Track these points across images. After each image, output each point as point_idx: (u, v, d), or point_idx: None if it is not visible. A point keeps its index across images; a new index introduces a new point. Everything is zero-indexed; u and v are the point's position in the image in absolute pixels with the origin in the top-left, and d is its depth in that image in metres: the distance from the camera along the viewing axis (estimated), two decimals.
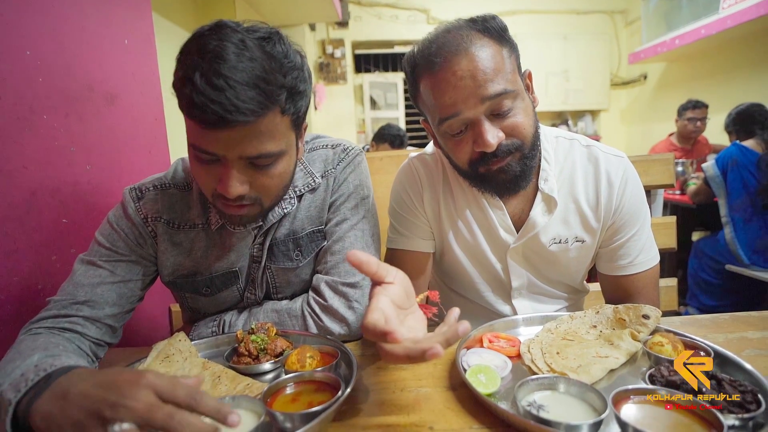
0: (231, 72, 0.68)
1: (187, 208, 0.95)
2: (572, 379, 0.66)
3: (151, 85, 1.54)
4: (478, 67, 0.83)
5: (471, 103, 0.83)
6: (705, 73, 5.03)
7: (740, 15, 3.82)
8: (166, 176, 0.98)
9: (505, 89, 0.83)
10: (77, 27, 1.20)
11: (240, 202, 0.81)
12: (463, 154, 0.90)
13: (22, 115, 1.02)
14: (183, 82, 0.70)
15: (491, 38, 0.86)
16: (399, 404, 0.69)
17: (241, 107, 0.69)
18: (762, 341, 0.82)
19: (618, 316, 0.85)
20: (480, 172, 0.91)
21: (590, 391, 0.63)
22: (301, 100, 0.81)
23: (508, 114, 0.86)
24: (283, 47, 0.77)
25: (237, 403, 0.64)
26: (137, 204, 0.93)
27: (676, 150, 3.96)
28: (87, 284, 0.87)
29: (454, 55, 0.84)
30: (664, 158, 1.44)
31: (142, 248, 0.94)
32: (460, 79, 0.83)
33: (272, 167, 0.80)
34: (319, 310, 0.93)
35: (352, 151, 1.02)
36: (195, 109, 0.69)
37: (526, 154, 0.89)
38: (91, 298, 0.86)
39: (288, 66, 0.76)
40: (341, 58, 5.91)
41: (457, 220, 1.05)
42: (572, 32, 6.28)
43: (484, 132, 0.84)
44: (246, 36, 0.73)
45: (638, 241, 1.00)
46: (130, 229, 0.93)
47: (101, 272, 0.89)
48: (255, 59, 0.71)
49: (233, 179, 0.76)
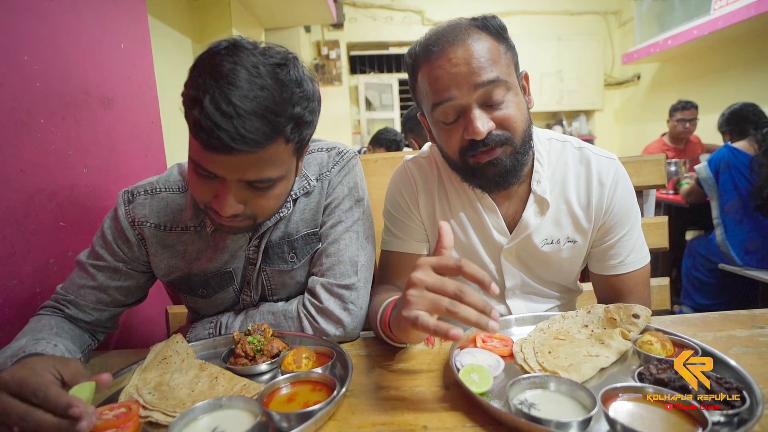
0: (241, 100, 0.69)
1: (180, 211, 0.96)
2: (563, 377, 0.68)
3: (147, 89, 1.55)
4: (473, 55, 0.85)
5: (464, 88, 0.85)
6: (697, 73, 5.07)
7: (731, 16, 3.86)
8: (159, 179, 0.99)
9: (497, 77, 0.85)
10: (74, 32, 1.21)
11: (233, 217, 0.82)
12: (453, 142, 0.91)
13: (20, 119, 1.03)
14: (193, 102, 0.71)
15: (489, 34, 0.89)
16: (393, 403, 0.70)
17: (246, 137, 0.70)
18: (749, 339, 0.83)
19: (609, 315, 0.87)
20: (470, 164, 0.92)
21: (580, 389, 0.64)
22: (307, 129, 0.82)
23: (500, 105, 0.87)
24: (297, 74, 0.77)
25: (234, 404, 0.65)
26: (127, 207, 0.95)
27: (668, 150, 3.99)
28: (75, 285, 0.95)
29: (451, 44, 0.87)
30: (655, 159, 1.46)
31: (131, 252, 0.96)
32: (454, 66, 0.85)
33: (270, 190, 0.81)
34: (314, 311, 0.94)
35: (347, 155, 1.03)
36: (201, 131, 0.70)
37: (517, 149, 0.91)
38: (75, 299, 0.94)
39: (298, 96, 0.77)
40: (336, 59, 5.92)
41: (451, 221, 1.06)
42: (566, 33, 6.32)
43: (474, 119, 0.86)
44: (260, 61, 0.73)
45: (629, 241, 1.02)
46: (118, 233, 0.95)
47: (86, 276, 0.95)
48: (266, 88, 0.72)
49: (229, 199, 0.77)
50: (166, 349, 0.85)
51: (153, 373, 0.79)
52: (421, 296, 0.65)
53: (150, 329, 1.48)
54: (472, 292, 0.64)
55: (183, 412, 0.63)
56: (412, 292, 0.66)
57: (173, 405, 0.70)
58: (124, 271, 0.96)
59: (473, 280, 0.65)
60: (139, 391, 0.73)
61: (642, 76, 6.13)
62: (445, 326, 0.62)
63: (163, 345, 0.86)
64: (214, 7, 3.12)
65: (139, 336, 1.42)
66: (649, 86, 6.00)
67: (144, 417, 0.68)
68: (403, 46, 6.20)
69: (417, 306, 0.65)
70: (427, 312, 0.64)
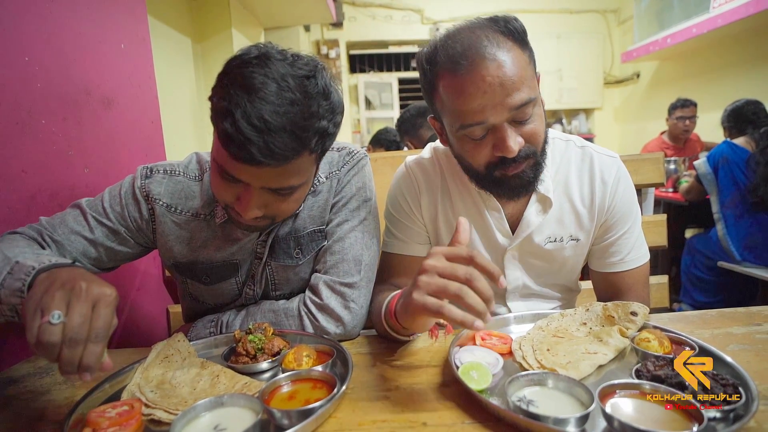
0: (271, 116, 0.71)
1: (192, 198, 0.98)
2: (560, 374, 0.68)
3: (147, 89, 1.55)
4: (506, 74, 0.81)
5: (498, 111, 0.83)
6: (696, 71, 5.08)
7: (730, 14, 3.87)
8: (180, 164, 1.01)
9: (529, 98, 0.83)
10: (74, 32, 1.22)
11: (254, 219, 0.84)
12: (481, 157, 0.89)
13: (21, 119, 1.03)
14: (224, 113, 0.73)
15: (515, 42, 0.86)
16: (393, 401, 0.70)
17: (275, 152, 0.73)
18: (746, 336, 0.84)
19: (607, 313, 0.88)
20: (496, 176, 0.91)
21: (578, 386, 0.65)
22: (330, 140, 0.84)
23: (528, 121, 0.86)
24: (324, 85, 0.79)
25: (235, 401, 0.66)
26: (143, 182, 0.97)
27: (667, 148, 4.00)
28: (68, 228, 0.93)
29: (482, 59, 0.82)
30: (654, 157, 1.46)
31: (138, 222, 0.97)
32: (488, 86, 0.81)
33: (291, 195, 0.84)
34: (315, 309, 0.94)
35: (357, 155, 1.04)
36: (231, 143, 0.73)
37: (538, 160, 0.91)
38: (62, 241, 0.92)
39: (325, 109, 0.79)
40: (336, 58, 5.92)
41: (454, 224, 1.05)
42: (565, 31, 6.32)
43: (507, 138, 0.84)
44: (289, 72, 0.75)
45: (629, 238, 1.02)
46: (132, 202, 0.96)
47: (83, 224, 0.94)
48: (296, 103, 0.74)
49: (252, 204, 0.81)
50: (167, 348, 0.86)
51: (155, 371, 0.80)
52: (431, 281, 0.67)
53: (151, 328, 1.49)
54: (482, 279, 0.65)
55: (185, 410, 0.63)
56: (423, 278, 0.68)
57: (175, 403, 0.70)
58: (123, 235, 0.97)
59: (484, 271, 0.66)
60: (141, 389, 0.74)
61: (641, 75, 6.13)
62: (456, 313, 0.63)
63: (165, 344, 0.87)
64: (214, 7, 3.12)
65: (140, 335, 1.43)
66: (649, 84, 6.01)
67: (146, 415, 0.68)
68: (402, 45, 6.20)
69: (427, 289, 0.67)
70: (436, 296, 0.66)
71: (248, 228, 0.90)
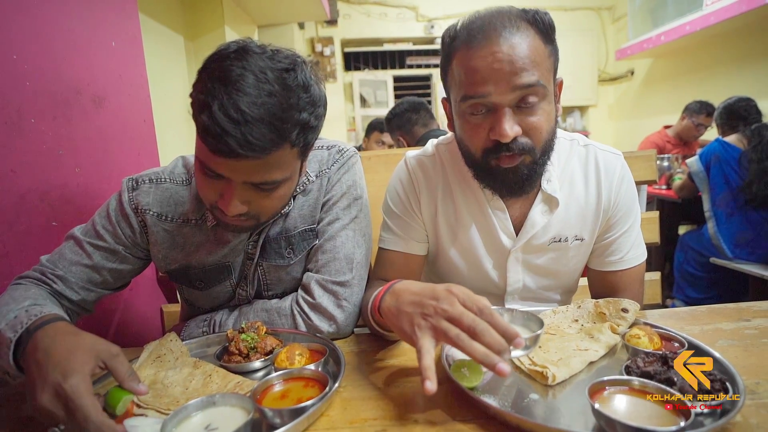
0: (248, 107, 0.71)
1: (182, 203, 0.98)
2: (516, 310, 0.79)
3: (139, 87, 1.54)
4: (518, 54, 0.81)
5: (501, 87, 0.82)
6: (690, 68, 5.10)
7: (723, 12, 3.89)
8: (164, 170, 1.00)
9: (537, 81, 0.82)
10: (64, 30, 1.21)
11: (237, 217, 0.83)
12: (478, 139, 0.89)
13: (10, 119, 1.03)
14: (201, 106, 0.72)
15: (538, 32, 0.86)
16: (385, 399, 0.71)
17: (253, 143, 0.72)
18: (735, 332, 0.85)
19: (599, 310, 0.88)
20: (491, 165, 0.90)
21: (530, 319, 0.76)
22: (312, 134, 0.83)
23: (532, 110, 0.85)
24: (304, 78, 0.78)
25: (227, 401, 0.66)
26: (130, 194, 0.96)
27: (669, 142, 3.97)
28: (67, 260, 0.93)
29: (498, 36, 0.82)
30: (646, 154, 1.48)
31: (133, 237, 0.97)
32: (497, 61, 0.81)
33: (274, 191, 0.83)
34: (307, 308, 0.94)
35: (347, 153, 1.04)
36: (209, 136, 0.72)
37: (536, 160, 0.89)
38: (65, 275, 0.92)
39: (305, 101, 0.78)
40: (330, 56, 5.90)
41: (455, 223, 1.04)
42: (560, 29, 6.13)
43: (504, 121, 0.83)
44: (268, 65, 0.75)
45: (630, 237, 1.02)
46: (123, 217, 0.96)
47: (81, 253, 0.94)
48: (274, 94, 0.73)
49: (234, 199, 0.80)
50: (160, 348, 0.85)
51: (147, 371, 0.80)
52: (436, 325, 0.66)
53: (145, 328, 1.48)
54: (491, 332, 0.62)
55: (176, 409, 0.63)
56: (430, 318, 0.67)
57: (167, 403, 0.70)
58: (122, 254, 0.96)
59: (499, 331, 0.63)
60: None
61: (635, 72, 6.15)
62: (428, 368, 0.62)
63: (157, 343, 0.87)
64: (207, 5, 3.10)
65: (133, 334, 1.43)
66: (643, 82, 6.03)
67: (138, 415, 0.68)
68: (397, 43, 6.19)
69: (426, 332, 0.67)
70: (433, 339, 0.66)
71: (234, 229, 0.89)
